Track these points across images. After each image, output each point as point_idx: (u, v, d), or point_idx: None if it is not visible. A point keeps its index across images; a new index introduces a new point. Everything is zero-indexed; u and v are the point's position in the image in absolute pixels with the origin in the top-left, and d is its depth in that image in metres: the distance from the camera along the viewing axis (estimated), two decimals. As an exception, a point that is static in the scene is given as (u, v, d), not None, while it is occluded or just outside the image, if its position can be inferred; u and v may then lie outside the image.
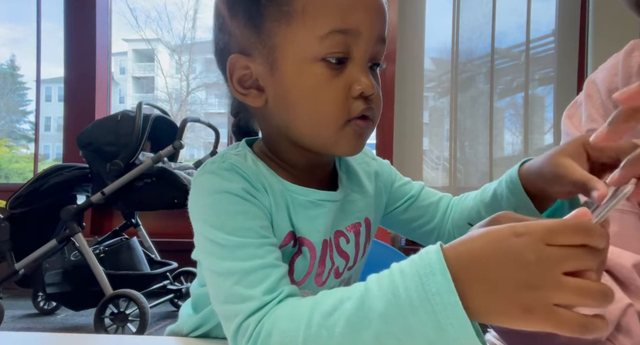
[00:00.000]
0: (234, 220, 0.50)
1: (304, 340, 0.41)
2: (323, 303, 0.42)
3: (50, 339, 0.64)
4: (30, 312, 2.63)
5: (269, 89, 0.55)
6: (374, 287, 0.40)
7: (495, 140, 2.66)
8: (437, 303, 0.36)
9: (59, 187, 2.38)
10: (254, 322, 0.45)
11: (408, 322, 0.37)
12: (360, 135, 0.54)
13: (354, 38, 0.51)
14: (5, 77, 10.73)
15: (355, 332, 0.39)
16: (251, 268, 0.48)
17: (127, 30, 12.37)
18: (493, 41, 2.62)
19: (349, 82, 0.52)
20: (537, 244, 0.34)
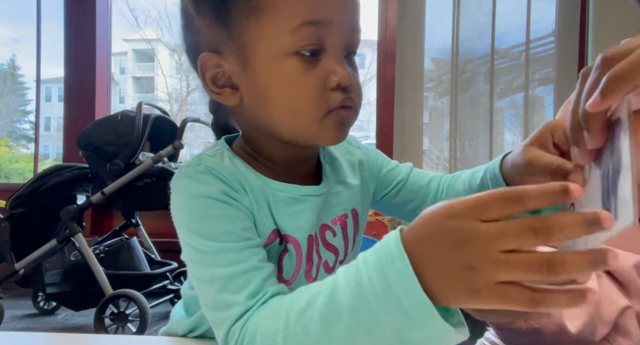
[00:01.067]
0: (213, 225, 0.49)
1: (283, 339, 0.41)
2: (299, 300, 0.42)
3: (50, 339, 0.64)
4: (30, 312, 2.63)
5: (243, 87, 0.54)
6: (342, 280, 0.39)
7: (495, 140, 2.66)
8: (399, 289, 0.35)
9: (59, 187, 2.38)
10: (239, 327, 0.45)
11: (375, 312, 0.36)
12: (342, 124, 0.53)
13: (326, 28, 0.50)
14: (5, 77, 10.73)
15: (328, 327, 0.39)
16: (234, 273, 0.47)
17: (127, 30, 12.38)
18: (493, 41, 2.62)
19: (325, 73, 0.51)
20: (470, 223, 0.32)
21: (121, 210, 2.63)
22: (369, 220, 2.21)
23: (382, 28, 2.98)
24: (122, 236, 2.57)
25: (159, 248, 2.63)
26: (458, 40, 2.70)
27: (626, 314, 0.57)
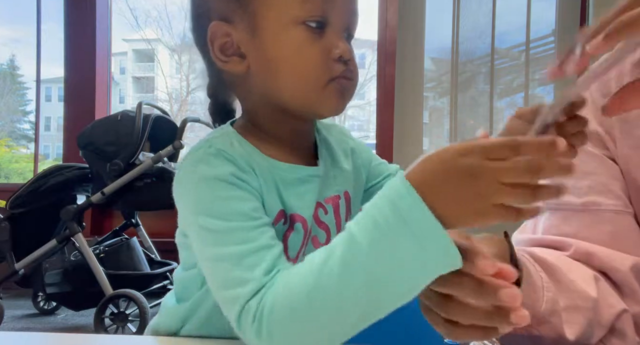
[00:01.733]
0: (224, 205, 0.51)
1: (307, 294, 0.43)
2: (313, 260, 0.44)
3: (50, 339, 0.64)
4: (30, 312, 2.63)
5: (250, 55, 0.56)
6: (355, 228, 0.43)
7: (495, 140, 2.67)
8: (412, 219, 0.40)
9: (59, 187, 2.38)
10: (256, 303, 0.45)
11: (392, 245, 0.40)
12: (342, 94, 0.56)
13: (330, 4, 0.54)
14: (5, 77, 10.73)
15: (350, 269, 0.42)
16: (246, 251, 0.48)
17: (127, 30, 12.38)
18: (493, 41, 2.62)
19: (329, 45, 0.54)
20: (481, 160, 0.39)
21: (121, 210, 2.63)
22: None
23: (382, 28, 2.98)
24: (122, 236, 2.57)
25: (159, 248, 2.63)
26: (458, 40, 2.70)
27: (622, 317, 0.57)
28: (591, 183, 0.62)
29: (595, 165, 0.62)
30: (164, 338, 0.66)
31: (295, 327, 0.44)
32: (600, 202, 0.61)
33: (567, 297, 0.55)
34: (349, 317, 0.43)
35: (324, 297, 0.43)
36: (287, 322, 0.44)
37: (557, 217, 0.64)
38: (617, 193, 0.61)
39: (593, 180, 0.62)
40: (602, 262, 0.59)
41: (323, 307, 0.43)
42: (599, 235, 0.60)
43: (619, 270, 0.59)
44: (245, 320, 0.46)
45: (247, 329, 0.46)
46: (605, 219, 0.60)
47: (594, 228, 0.61)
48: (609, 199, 0.61)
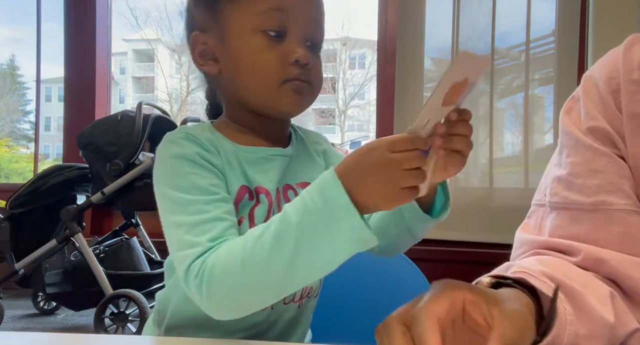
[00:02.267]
0: (186, 180, 0.59)
1: (242, 261, 0.52)
2: (253, 232, 0.53)
3: (50, 339, 0.64)
4: (30, 312, 2.63)
5: (221, 59, 0.65)
6: (290, 208, 0.52)
7: (495, 140, 2.66)
8: (333, 203, 0.49)
9: (59, 187, 2.38)
10: (200, 263, 0.54)
11: (315, 223, 0.49)
12: (298, 92, 0.63)
13: (288, 15, 0.62)
14: (5, 77, 10.73)
15: (280, 242, 0.50)
16: (199, 221, 0.56)
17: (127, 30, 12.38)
18: (493, 41, 2.62)
19: (286, 51, 0.62)
20: (385, 153, 0.49)
21: (121, 210, 2.63)
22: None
23: (382, 28, 2.99)
24: (122, 236, 2.57)
25: (159, 248, 2.63)
26: (458, 40, 2.70)
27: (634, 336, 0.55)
28: (600, 182, 0.60)
29: (604, 164, 0.60)
30: (164, 338, 0.66)
31: (229, 287, 0.53)
32: (611, 201, 0.59)
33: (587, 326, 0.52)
34: (276, 282, 0.52)
35: (255, 263, 0.51)
36: (222, 283, 0.53)
37: (565, 217, 0.62)
38: (627, 192, 0.59)
39: (602, 179, 0.60)
40: (614, 269, 0.57)
41: (254, 272, 0.51)
42: (609, 236, 0.58)
43: (631, 278, 0.57)
44: (190, 277, 0.54)
45: (191, 285, 0.54)
46: (615, 219, 0.58)
47: (604, 229, 0.59)
48: (620, 199, 0.59)
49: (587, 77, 0.66)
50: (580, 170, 0.61)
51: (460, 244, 2.57)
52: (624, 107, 0.60)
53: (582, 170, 0.61)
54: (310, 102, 0.65)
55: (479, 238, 2.54)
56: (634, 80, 0.60)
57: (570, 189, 0.61)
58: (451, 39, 2.71)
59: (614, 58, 0.63)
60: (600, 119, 0.61)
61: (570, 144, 0.64)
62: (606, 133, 0.61)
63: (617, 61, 0.62)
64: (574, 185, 0.61)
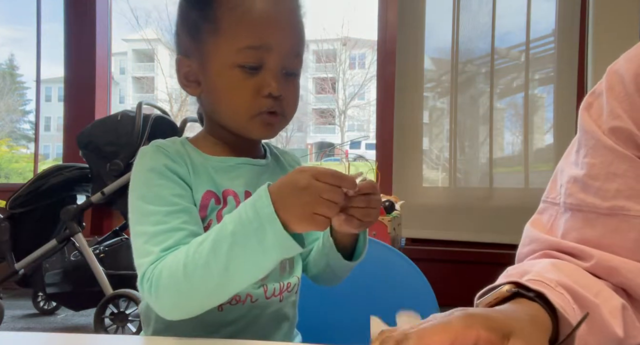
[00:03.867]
0: (151, 192, 0.64)
1: (184, 265, 0.58)
2: (197, 239, 0.59)
3: (50, 339, 0.64)
4: (30, 312, 2.63)
5: (202, 84, 0.70)
6: (228, 218, 0.58)
7: (495, 140, 2.66)
8: (264, 215, 0.56)
9: (59, 187, 2.38)
10: (152, 269, 0.60)
11: (247, 231, 0.56)
12: (269, 124, 0.69)
13: (266, 52, 0.65)
14: (4, 77, 10.73)
15: (216, 248, 0.57)
16: (158, 231, 0.62)
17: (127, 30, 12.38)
18: (493, 41, 2.62)
19: (261, 84, 0.66)
20: (309, 178, 0.55)
21: (121, 210, 2.62)
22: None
23: (382, 28, 2.99)
24: (122, 236, 2.57)
25: (159, 248, 2.62)
26: (458, 40, 2.70)
27: None
28: (620, 186, 0.57)
29: (626, 168, 0.57)
30: (164, 338, 0.66)
31: (174, 289, 0.59)
32: (629, 207, 0.56)
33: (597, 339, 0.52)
34: (214, 285, 0.58)
35: (194, 267, 0.57)
36: (168, 285, 0.59)
37: (580, 219, 0.60)
38: None
39: (622, 183, 0.57)
40: (626, 278, 0.56)
41: (194, 275, 0.57)
42: (623, 242, 0.57)
43: None
44: (144, 283, 0.60)
45: (145, 290, 0.60)
46: (632, 225, 0.56)
47: (619, 234, 0.57)
48: (637, 205, 0.56)
49: (612, 71, 0.61)
50: (598, 172, 0.59)
51: (460, 244, 2.57)
52: None
53: (600, 173, 0.58)
54: (282, 128, 0.72)
55: (479, 238, 2.54)
56: None
57: (586, 191, 0.59)
58: (451, 39, 2.71)
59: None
60: (625, 119, 0.58)
61: (589, 143, 0.60)
62: (630, 134, 0.57)
63: None
64: (590, 187, 0.59)
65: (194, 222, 0.65)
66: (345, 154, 2.42)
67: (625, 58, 0.61)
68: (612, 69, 0.61)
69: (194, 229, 0.64)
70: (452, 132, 2.71)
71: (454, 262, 2.56)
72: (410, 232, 2.56)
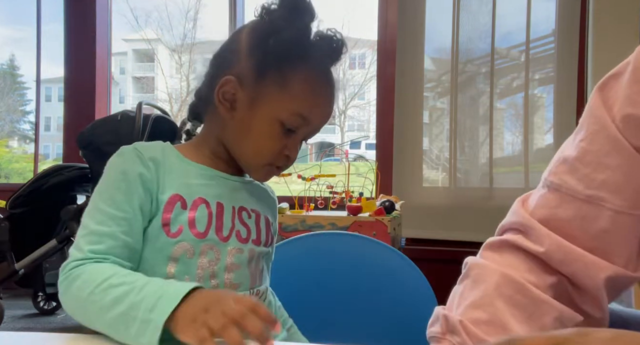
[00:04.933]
0: (108, 192, 0.68)
1: (88, 294, 0.60)
2: (121, 277, 0.61)
3: (50, 339, 0.64)
4: (30, 312, 2.63)
5: (239, 112, 0.73)
6: (147, 288, 0.59)
7: (495, 140, 2.66)
8: (156, 317, 0.55)
9: (59, 187, 2.38)
10: (72, 266, 0.63)
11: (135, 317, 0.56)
12: (270, 174, 0.77)
13: (305, 123, 0.73)
14: (5, 77, 10.73)
15: (112, 307, 0.58)
16: (96, 231, 0.65)
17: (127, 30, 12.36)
18: (493, 41, 2.62)
19: (286, 145, 0.73)
20: (227, 298, 0.55)
21: (121, 210, 2.62)
22: (369, 220, 2.18)
23: (382, 28, 2.99)
24: (122, 236, 2.56)
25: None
26: (458, 40, 2.70)
27: None
28: (608, 178, 0.56)
29: (620, 162, 0.55)
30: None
31: (73, 302, 0.63)
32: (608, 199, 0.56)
33: None
34: (99, 324, 0.60)
35: (93, 302, 0.60)
36: (71, 297, 0.63)
37: (555, 198, 0.60)
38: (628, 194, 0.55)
39: (611, 176, 0.56)
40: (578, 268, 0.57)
41: (90, 307, 0.60)
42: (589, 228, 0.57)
43: (592, 278, 0.57)
44: (62, 272, 0.63)
45: (60, 281, 0.64)
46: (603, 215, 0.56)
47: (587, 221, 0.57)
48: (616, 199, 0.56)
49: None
50: (590, 159, 0.57)
51: (460, 244, 2.57)
52: None
53: (592, 161, 0.57)
54: (275, 175, 0.79)
55: (479, 238, 2.53)
56: None
57: (572, 174, 0.58)
58: (451, 39, 2.71)
59: None
60: None
61: (591, 128, 0.58)
62: None
63: None
64: (577, 172, 0.58)
65: (133, 233, 0.67)
66: (345, 154, 2.41)
67: None
68: None
69: (129, 241, 0.67)
70: (452, 132, 2.71)
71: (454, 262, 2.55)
72: (410, 232, 2.56)
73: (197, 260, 0.70)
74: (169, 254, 0.69)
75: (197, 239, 0.70)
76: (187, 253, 0.69)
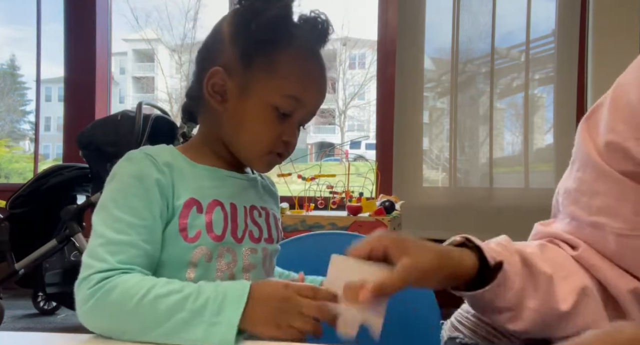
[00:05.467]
0: (125, 199, 0.66)
1: (134, 307, 0.58)
2: (163, 286, 0.60)
3: (50, 339, 0.64)
4: (30, 312, 2.63)
5: (231, 103, 0.72)
6: (204, 290, 0.60)
7: (495, 140, 2.66)
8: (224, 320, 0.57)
9: (59, 187, 2.38)
10: (100, 277, 0.60)
11: (203, 320, 0.57)
12: (272, 163, 0.75)
13: (299, 105, 0.71)
14: (5, 77, 10.73)
15: (170, 316, 0.57)
16: (117, 240, 0.63)
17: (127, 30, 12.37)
18: (493, 41, 2.62)
19: (283, 130, 0.71)
20: (293, 293, 0.60)
21: (121, 210, 2.62)
22: (369, 220, 2.18)
23: (382, 28, 2.99)
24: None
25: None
26: (458, 40, 2.70)
27: None
28: (601, 204, 0.60)
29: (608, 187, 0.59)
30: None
31: (112, 314, 0.59)
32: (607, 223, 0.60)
33: (537, 304, 0.59)
34: (149, 336, 0.58)
35: (145, 313, 0.58)
36: (110, 308, 0.59)
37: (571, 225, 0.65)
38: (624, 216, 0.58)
39: (603, 201, 0.60)
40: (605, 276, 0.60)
41: (139, 319, 0.58)
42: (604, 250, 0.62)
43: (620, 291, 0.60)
44: (84, 285, 0.61)
45: (81, 292, 0.61)
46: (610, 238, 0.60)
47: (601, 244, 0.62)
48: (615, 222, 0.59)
49: (618, 84, 0.62)
50: (586, 188, 0.62)
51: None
52: None
53: (587, 189, 0.62)
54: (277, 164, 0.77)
55: (479, 238, 2.54)
56: None
57: (576, 205, 0.64)
58: (451, 39, 2.72)
59: None
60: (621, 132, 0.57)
61: (582, 159, 0.63)
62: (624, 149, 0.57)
63: None
64: (579, 201, 0.63)
65: (152, 241, 0.66)
66: (345, 154, 2.41)
67: (630, 70, 0.61)
68: (619, 81, 0.62)
69: (149, 249, 0.65)
70: (452, 132, 2.71)
71: (454, 262, 2.55)
72: (410, 232, 2.56)
73: (215, 264, 0.69)
74: (188, 259, 0.68)
75: (215, 242, 0.69)
76: (205, 257, 0.68)
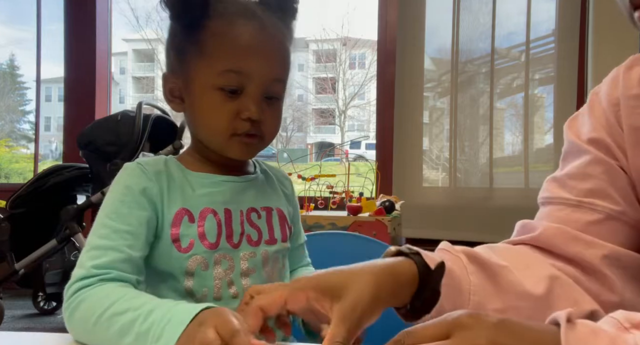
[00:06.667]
0: (114, 206, 0.67)
1: (93, 324, 0.57)
2: (126, 301, 0.57)
3: (50, 339, 0.64)
4: (30, 312, 2.63)
5: (186, 101, 0.72)
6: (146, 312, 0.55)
7: (495, 140, 2.66)
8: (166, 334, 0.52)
9: (59, 187, 2.38)
10: (76, 289, 0.60)
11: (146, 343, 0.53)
12: (246, 145, 0.70)
13: (246, 77, 0.67)
14: (5, 77, 10.73)
15: (120, 337, 0.55)
16: (98, 245, 0.63)
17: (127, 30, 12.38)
18: (493, 41, 2.62)
19: (240, 108, 0.68)
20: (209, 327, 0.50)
21: (121, 210, 2.62)
22: (369, 220, 2.18)
23: (382, 28, 2.99)
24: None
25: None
26: (458, 40, 2.70)
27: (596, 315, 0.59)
28: (593, 186, 0.65)
29: (602, 171, 0.65)
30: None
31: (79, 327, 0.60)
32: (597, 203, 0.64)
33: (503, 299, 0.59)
34: None
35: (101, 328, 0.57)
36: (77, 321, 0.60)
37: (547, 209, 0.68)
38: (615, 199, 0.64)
39: (595, 184, 0.65)
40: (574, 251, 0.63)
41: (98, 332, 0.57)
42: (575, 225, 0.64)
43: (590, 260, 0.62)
44: (67, 293, 0.61)
45: (65, 303, 0.61)
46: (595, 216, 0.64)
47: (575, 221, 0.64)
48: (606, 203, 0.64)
49: (593, 93, 0.72)
50: (575, 172, 0.67)
51: (460, 244, 2.57)
52: (624, 120, 0.65)
53: (577, 173, 0.66)
54: (260, 149, 0.73)
55: (479, 238, 2.53)
56: (634, 95, 0.65)
57: (562, 188, 0.67)
58: (451, 39, 2.71)
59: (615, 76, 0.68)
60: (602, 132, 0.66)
61: (572, 150, 0.69)
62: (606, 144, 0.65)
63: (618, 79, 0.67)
64: (566, 185, 0.67)
65: (138, 248, 0.65)
66: (345, 154, 2.42)
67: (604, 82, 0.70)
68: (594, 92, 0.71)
69: (134, 254, 0.64)
70: (452, 132, 2.71)
71: (454, 262, 2.55)
72: (410, 232, 2.56)
73: (212, 272, 0.69)
74: (183, 268, 0.68)
75: (209, 251, 0.68)
76: (201, 265, 0.68)
